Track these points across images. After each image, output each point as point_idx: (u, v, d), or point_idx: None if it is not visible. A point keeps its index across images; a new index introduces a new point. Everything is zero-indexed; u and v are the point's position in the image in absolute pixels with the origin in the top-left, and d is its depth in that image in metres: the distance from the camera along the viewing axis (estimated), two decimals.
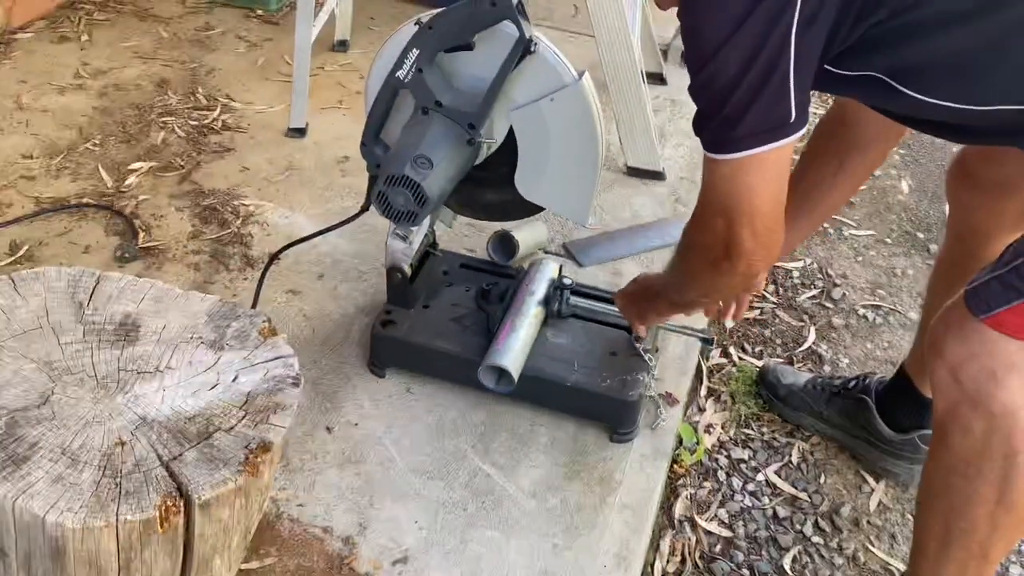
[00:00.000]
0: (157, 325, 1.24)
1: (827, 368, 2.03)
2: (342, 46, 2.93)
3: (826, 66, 1.16)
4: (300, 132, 2.48)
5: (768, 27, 1.06)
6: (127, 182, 2.25)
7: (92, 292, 1.27)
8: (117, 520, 0.99)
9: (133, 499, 1.02)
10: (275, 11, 3.12)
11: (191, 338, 1.23)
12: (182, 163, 2.34)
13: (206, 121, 2.51)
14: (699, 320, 1.94)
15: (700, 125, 1.16)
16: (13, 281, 1.26)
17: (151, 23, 2.99)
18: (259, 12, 3.11)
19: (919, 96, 1.15)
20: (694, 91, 1.15)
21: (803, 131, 1.13)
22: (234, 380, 1.19)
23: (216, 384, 1.18)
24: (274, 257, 1.87)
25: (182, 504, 1.03)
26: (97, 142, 2.38)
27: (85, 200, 2.17)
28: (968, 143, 1.44)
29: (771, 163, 1.13)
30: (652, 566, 1.58)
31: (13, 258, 1.98)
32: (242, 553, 1.29)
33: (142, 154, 2.36)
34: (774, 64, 1.07)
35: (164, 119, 2.50)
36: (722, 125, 1.12)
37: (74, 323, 1.22)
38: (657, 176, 2.43)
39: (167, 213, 2.17)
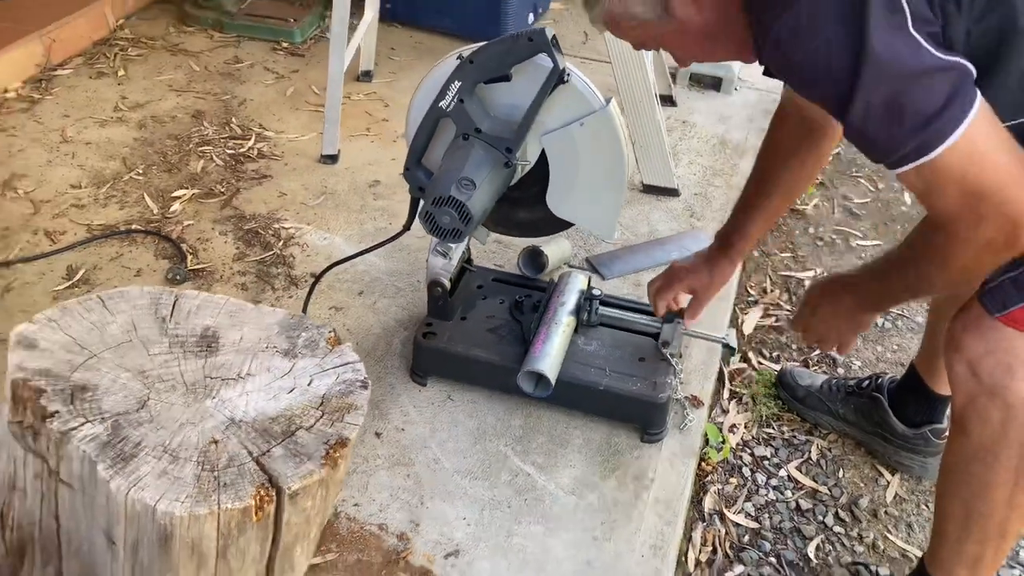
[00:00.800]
0: (235, 336, 1.36)
1: (841, 370, 2.15)
2: (366, 76, 3.06)
3: None
4: (332, 159, 2.60)
5: (892, 37, 1.07)
6: (172, 208, 2.37)
7: (172, 308, 1.39)
8: (219, 508, 1.11)
9: (231, 490, 1.13)
10: (300, 43, 3.26)
11: (266, 347, 1.35)
12: (223, 189, 2.46)
13: (242, 149, 2.64)
14: (721, 327, 2.06)
15: (893, 149, 1.12)
16: (102, 300, 1.37)
17: (182, 57, 3.13)
18: (284, 45, 3.25)
19: None
20: (856, 131, 1.13)
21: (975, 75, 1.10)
22: (309, 384, 1.30)
23: (293, 388, 1.30)
24: (319, 276, 1.99)
25: (274, 494, 1.15)
26: (140, 171, 2.51)
27: (134, 226, 2.29)
28: None
29: (980, 122, 1.09)
30: (686, 555, 1.69)
31: (71, 282, 2.10)
32: (315, 545, 1.40)
33: (184, 182, 2.48)
34: (917, 64, 1.08)
35: (202, 148, 2.63)
36: (915, 132, 1.09)
37: (160, 336, 1.34)
38: (672, 193, 2.55)
39: (212, 237, 2.29)
